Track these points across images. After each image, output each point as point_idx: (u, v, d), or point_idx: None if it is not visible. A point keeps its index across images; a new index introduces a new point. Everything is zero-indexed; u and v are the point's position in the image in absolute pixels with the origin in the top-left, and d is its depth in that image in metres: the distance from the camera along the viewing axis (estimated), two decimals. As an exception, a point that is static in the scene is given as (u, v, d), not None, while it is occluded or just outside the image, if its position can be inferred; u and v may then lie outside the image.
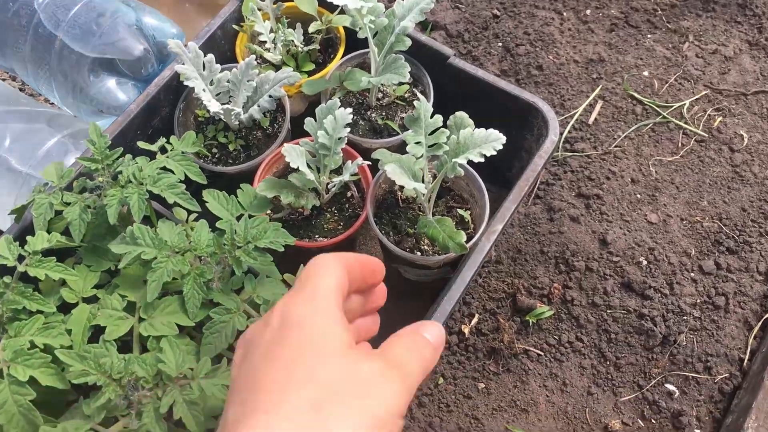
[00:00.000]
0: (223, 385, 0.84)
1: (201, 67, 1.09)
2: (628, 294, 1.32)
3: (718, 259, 1.36)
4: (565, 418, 1.24)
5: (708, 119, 1.52)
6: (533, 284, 1.34)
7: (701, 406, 1.25)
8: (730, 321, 1.31)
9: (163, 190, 0.94)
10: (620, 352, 1.28)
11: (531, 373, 1.27)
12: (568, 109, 1.54)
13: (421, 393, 1.25)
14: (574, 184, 1.45)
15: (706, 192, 1.44)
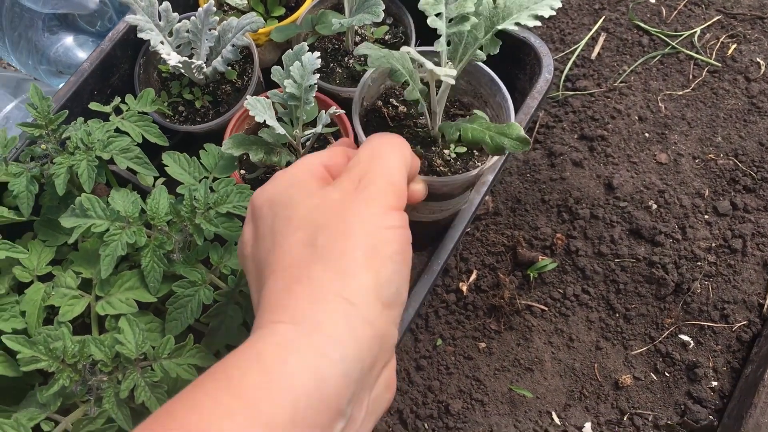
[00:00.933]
0: (190, 365, 0.77)
1: (156, 17, 0.99)
2: (637, 241, 1.23)
3: (734, 199, 1.26)
4: (572, 375, 1.17)
5: (721, 47, 1.40)
6: (534, 236, 1.25)
7: (718, 356, 1.16)
8: (748, 265, 1.21)
9: (115, 154, 0.86)
10: (630, 303, 1.20)
11: (535, 329, 1.19)
12: (568, 44, 1.42)
13: (419, 356, 1.18)
14: (576, 125, 1.34)
15: (720, 127, 1.33)
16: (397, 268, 0.48)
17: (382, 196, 0.51)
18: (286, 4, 1.15)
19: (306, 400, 0.41)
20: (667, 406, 1.14)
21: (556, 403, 1.15)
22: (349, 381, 0.43)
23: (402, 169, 0.54)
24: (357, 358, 0.44)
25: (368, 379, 0.46)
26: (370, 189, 0.51)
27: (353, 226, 0.49)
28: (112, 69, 1.06)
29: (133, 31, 1.03)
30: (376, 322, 0.46)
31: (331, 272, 0.47)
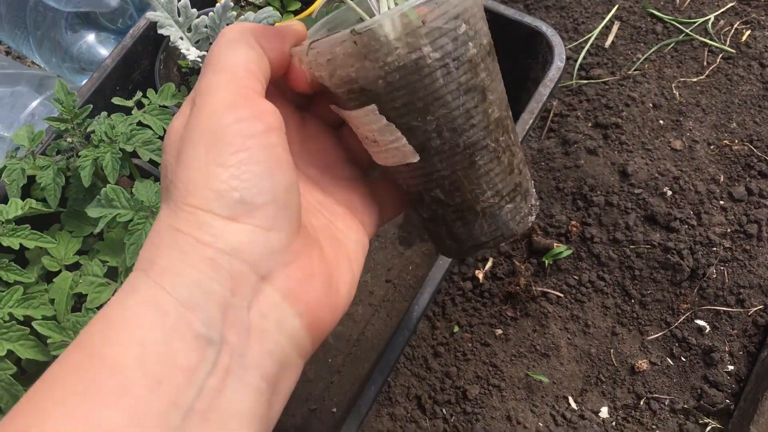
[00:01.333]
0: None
1: (176, 13, 1.02)
2: (652, 227, 1.24)
3: (749, 184, 1.26)
4: (588, 361, 1.18)
5: (735, 34, 1.41)
6: (549, 223, 1.26)
7: (734, 340, 1.17)
8: (764, 249, 1.22)
9: (138, 147, 0.89)
10: (645, 289, 1.21)
11: (551, 316, 1.21)
12: (582, 33, 1.43)
13: (436, 342, 1.20)
14: (590, 113, 1.35)
15: (734, 113, 1.33)
16: (241, 170, 0.41)
17: (211, 102, 0.43)
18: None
19: (150, 334, 0.38)
20: (684, 391, 1.15)
21: (573, 388, 1.16)
22: (195, 306, 0.39)
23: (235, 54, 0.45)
24: (197, 282, 0.40)
25: (235, 299, 0.40)
26: (199, 101, 0.43)
27: (184, 148, 0.43)
28: (133, 65, 1.09)
29: (153, 28, 1.06)
30: (220, 241, 0.41)
31: (166, 203, 0.43)
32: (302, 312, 0.43)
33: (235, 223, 0.41)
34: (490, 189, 0.51)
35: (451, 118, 0.48)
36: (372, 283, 1.20)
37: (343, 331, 1.17)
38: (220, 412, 0.38)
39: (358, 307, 1.19)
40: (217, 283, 0.40)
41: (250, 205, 0.41)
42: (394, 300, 1.19)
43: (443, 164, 0.50)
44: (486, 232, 0.53)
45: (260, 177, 0.42)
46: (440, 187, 0.51)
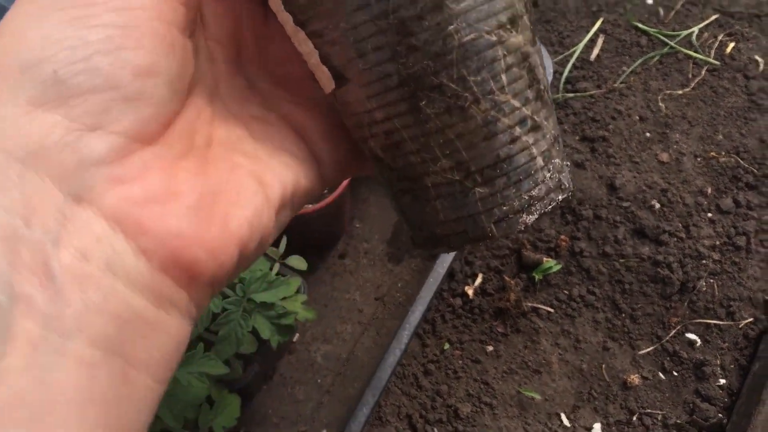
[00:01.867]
0: (200, 373, 0.78)
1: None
2: (641, 241, 1.23)
3: (736, 196, 1.26)
4: (580, 377, 1.17)
5: (720, 46, 1.41)
6: (539, 238, 1.26)
7: (725, 354, 1.17)
8: (753, 261, 1.22)
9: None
10: (636, 303, 1.20)
11: (541, 331, 1.20)
12: (567, 47, 1.43)
13: (426, 360, 1.18)
14: (577, 127, 1.35)
15: (720, 125, 1.34)
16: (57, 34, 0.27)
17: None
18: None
19: None
20: (676, 405, 1.14)
21: (565, 404, 1.15)
22: None
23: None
24: None
25: (32, 232, 0.25)
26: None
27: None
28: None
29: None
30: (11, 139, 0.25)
31: None
32: (148, 248, 0.28)
33: (39, 113, 0.26)
34: (446, 157, 0.32)
35: (377, 27, 0.30)
36: (361, 301, 1.19)
37: (332, 351, 1.16)
38: (29, 405, 0.23)
39: (347, 326, 1.17)
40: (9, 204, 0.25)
41: (71, 87, 0.27)
42: (383, 318, 1.18)
43: (372, 103, 0.32)
44: (441, 221, 0.34)
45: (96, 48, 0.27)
46: (374, 138, 0.33)
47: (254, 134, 0.35)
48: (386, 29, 0.29)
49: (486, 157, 0.32)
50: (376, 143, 0.33)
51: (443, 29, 0.29)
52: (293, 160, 0.35)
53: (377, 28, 0.29)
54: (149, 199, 0.28)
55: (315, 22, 0.31)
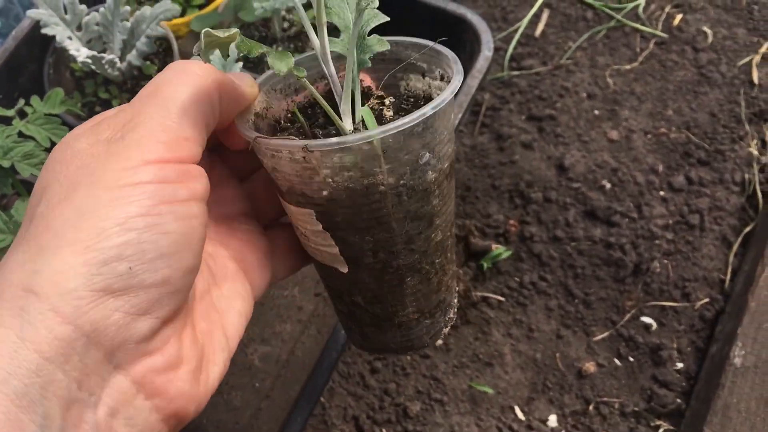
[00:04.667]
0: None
1: (62, 10, 0.91)
2: (593, 222, 1.18)
3: (688, 173, 1.22)
4: (534, 367, 1.11)
5: (667, 18, 1.37)
6: (486, 223, 1.20)
7: (682, 336, 1.12)
8: (707, 240, 1.18)
9: (17, 162, 0.78)
10: (589, 287, 1.15)
11: (492, 322, 1.14)
12: (511, 23, 1.37)
13: (373, 358, 1.12)
14: (523, 106, 1.29)
15: (670, 100, 1.29)
16: (130, 239, 0.34)
17: (138, 147, 0.36)
18: (208, -8, 1.07)
19: None
20: (633, 392, 1.09)
21: (519, 397, 1.09)
22: (31, 404, 0.31)
23: (190, 102, 0.39)
24: (38, 370, 0.32)
25: (81, 393, 0.34)
26: (127, 138, 0.37)
27: (79, 187, 0.35)
28: (18, 70, 0.97)
29: (39, 28, 0.95)
30: (82, 316, 0.33)
31: (27, 253, 0.35)
32: (161, 406, 0.37)
33: (108, 299, 0.34)
34: (412, 306, 0.49)
35: (391, 242, 0.45)
36: (300, 298, 1.11)
37: (270, 352, 1.08)
38: None
39: (286, 325, 1.10)
40: (62, 373, 0.32)
41: (135, 282, 0.35)
42: (324, 315, 1.10)
43: (371, 279, 0.47)
44: (397, 341, 0.51)
45: (162, 252, 0.36)
46: (362, 295, 0.48)
47: (216, 280, 0.45)
48: (399, 242, 0.45)
49: (435, 302, 0.50)
50: (361, 298, 0.48)
51: (429, 237, 0.46)
52: (245, 302, 0.46)
53: (393, 241, 0.44)
54: (166, 368, 0.37)
55: (345, 233, 0.44)
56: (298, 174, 0.42)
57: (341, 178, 0.41)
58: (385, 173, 0.41)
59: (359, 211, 0.43)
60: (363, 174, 0.41)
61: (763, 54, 1.32)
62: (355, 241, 0.44)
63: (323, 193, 0.42)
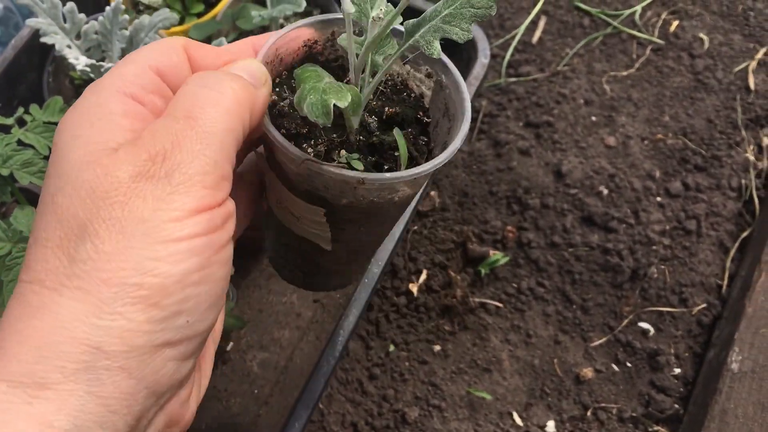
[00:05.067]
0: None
1: (61, 19, 0.92)
2: (590, 228, 1.19)
3: (685, 179, 1.22)
4: (532, 373, 1.12)
5: (663, 25, 1.37)
6: (484, 230, 1.20)
7: (679, 342, 1.13)
8: (704, 245, 1.18)
9: (16, 170, 0.78)
10: (586, 293, 1.16)
11: (490, 328, 1.14)
12: (508, 30, 1.38)
13: (371, 364, 1.12)
14: (521, 112, 1.30)
15: (667, 106, 1.30)
16: (188, 294, 0.36)
17: (186, 193, 0.37)
18: (206, 0, 1.08)
19: None
20: (631, 398, 1.09)
21: (517, 402, 1.10)
22: None
23: (228, 131, 0.39)
24: (101, 421, 0.34)
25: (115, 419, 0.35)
26: (172, 180, 0.36)
27: (133, 239, 0.35)
28: (17, 78, 0.98)
29: (38, 36, 0.96)
30: (146, 369, 0.35)
31: (83, 304, 0.35)
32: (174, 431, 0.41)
33: (166, 350, 0.36)
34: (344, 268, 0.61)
35: (378, 232, 0.56)
36: (299, 305, 1.12)
37: (269, 359, 1.08)
38: None
39: (284, 332, 1.10)
40: (123, 422, 0.35)
41: (191, 332, 0.37)
42: (323, 321, 1.11)
43: (343, 252, 0.55)
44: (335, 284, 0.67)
45: (213, 300, 0.38)
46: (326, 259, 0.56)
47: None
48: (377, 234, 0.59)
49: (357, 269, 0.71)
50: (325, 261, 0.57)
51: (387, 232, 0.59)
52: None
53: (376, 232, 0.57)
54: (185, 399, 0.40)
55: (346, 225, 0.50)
56: (327, 186, 0.45)
57: (372, 195, 0.46)
58: (396, 197, 0.47)
59: (368, 215, 0.49)
60: (391, 192, 0.46)
61: (759, 60, 1.32)
62: (349, 232, 0.51)
63: (343, 201, 0.46)
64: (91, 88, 0.41)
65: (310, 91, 0.42)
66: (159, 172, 0.37)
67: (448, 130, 0.51)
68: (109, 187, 0.36)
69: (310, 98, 0.41)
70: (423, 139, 0.52)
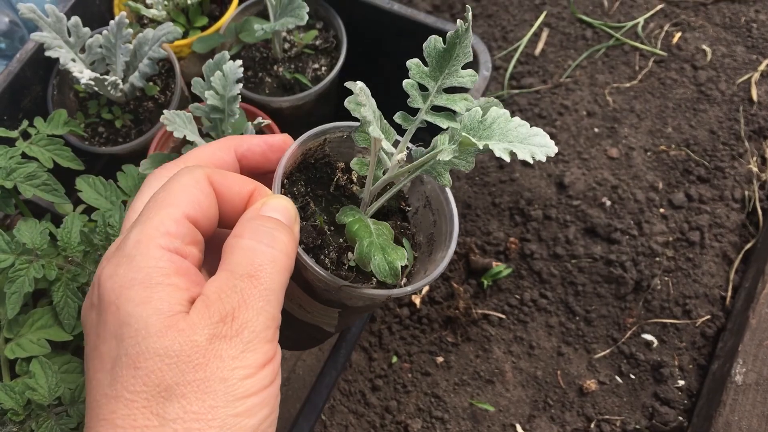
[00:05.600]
0: (112, 407, 0.70)
1: (66, 33, 0.92)
2: (593, 240, 1.19)
3: (688, 190, 1.22)
4: (535, 385, 1.11)
5: (666, 36, 1.38)
6: (487, 241, 1.20)
7: (683, 354, 1.12)
8: (707, 257, 1.18)
9: (19, 182, 0.79)
10: (590, 304, 1.15)
11: (493, 339, 1.14)
12: (511, 42, 1.38)
13: (374, 375, 1.12)
14: (523, 124, 1.30)
15: (670, 117, 1.30)
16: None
17: (254, 351, 0.41)
18: (210, 14, 1.09)
19: None
20: (635, 410, 1.09)
21: (520, 414, 1.09)
22: None
23: (284, 287, 0.45)
24: None
25: None
26: (243, 339, 0.41)
27: (215, 397, 0.40)
28: (22, 91, 0.99)
29: (43, 50, 0.96)
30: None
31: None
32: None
33: None
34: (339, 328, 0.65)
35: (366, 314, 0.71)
36: (301, 316, 1.12)
37: (271, 370, 1.08)
38: None
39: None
40: None
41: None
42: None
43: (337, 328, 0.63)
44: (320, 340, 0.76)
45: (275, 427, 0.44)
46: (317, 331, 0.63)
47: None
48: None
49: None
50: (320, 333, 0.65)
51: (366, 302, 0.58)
52: None
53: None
54: None
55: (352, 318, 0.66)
56: (352, 298, 0.52)
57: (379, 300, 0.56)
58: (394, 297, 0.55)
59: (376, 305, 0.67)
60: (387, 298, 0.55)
61: (762, 71, 1.32)
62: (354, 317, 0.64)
63: (359, 304, 0.54)
64: (136, 246, 0.43)
65: (370, 248, 0.50)
66: (231, 332, 0.41)
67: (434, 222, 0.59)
68: (190, 351, 0.40)
69: (375, 259, 0.50)
70: (405, 224, 0.60)
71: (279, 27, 0.89)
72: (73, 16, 0.92)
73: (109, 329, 0.42)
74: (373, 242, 0.51)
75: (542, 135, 0.48)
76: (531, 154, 0.47)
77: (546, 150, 0.48)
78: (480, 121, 0.50)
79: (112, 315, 0.42)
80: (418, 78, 0.54)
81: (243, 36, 0.98)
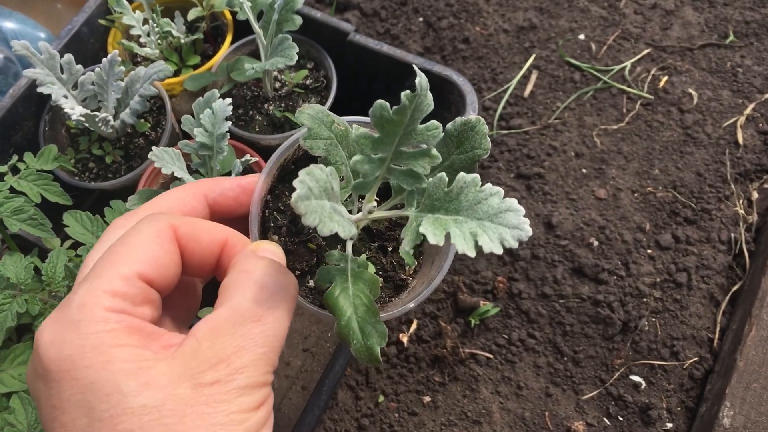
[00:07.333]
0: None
1: (58, 70, 0.94)
2: (581, 280, 1.19)
3: (675, 232, 1.23)
4: (522, 426, 1.10)
5: (653, 80, 1.40)
6: (475, 280, 1.20)
7: (671, 396, 1.12)
8: (695, 298, 1.18)
9: (6, 217, 0.79)
10: (577, 345, 1.15)
11: (481, 379, 1.13)
12: (500, 83, 1.40)
13: (360, 415, 1.11)
14: (512, 164, 1.31)
15: (656, 159, 1.31)
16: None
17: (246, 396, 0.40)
18: (202, 53, 1.10)
19: None
20: (623, 453, 1.08)
21: (507, 456, 1.08)
22: None
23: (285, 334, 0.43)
24: None
25: None
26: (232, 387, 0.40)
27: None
28: (14, 127, 0.99)
29: (35, 86, 0.98)
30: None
31: None
32: None
33: None
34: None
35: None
36: (288, 353, 1.11)
37: (256, 408, 1.07)
38: None
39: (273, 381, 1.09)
40: None
41: None
42: (312, 370, 1.10)
43: None
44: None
45: None
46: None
47: None
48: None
49: None
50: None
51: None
52: None
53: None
54: None
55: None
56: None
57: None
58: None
59: None
60: None
61: (748, 115, 1.34)
62: None
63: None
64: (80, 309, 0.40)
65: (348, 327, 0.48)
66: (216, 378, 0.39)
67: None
68: (176, 402, 0.38)
69: (354, 344, 0.48)
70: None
71: (269, 66, 0.90)
72: (66, 53, 0.94)
73: (71, 399, 0.39)
74: (351, 319, 0.48)
75: (516, 210, 0.44)
76: (500, 240, 0.44)
77: (518, 233, 0.44)
78: (446, 192, 0.47)
79: (69, 385, 0.39)
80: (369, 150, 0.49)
81: (234, 75, 0.99)
